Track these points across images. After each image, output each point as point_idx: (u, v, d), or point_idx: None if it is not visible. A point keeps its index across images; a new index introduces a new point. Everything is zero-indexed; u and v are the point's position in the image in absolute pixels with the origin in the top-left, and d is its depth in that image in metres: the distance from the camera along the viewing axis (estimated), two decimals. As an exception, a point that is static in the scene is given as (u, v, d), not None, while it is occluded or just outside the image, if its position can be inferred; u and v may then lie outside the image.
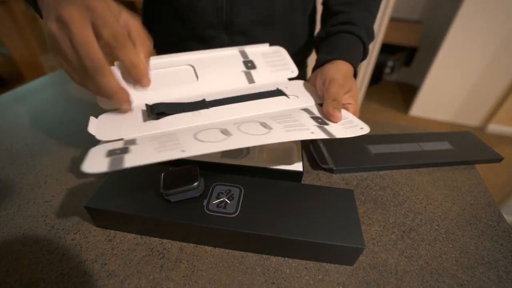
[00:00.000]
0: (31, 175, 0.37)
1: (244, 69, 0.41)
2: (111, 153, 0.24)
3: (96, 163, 0.22)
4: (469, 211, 0.34)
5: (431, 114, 2.17)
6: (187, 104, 0.34)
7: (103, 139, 0.28)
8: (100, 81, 0.27)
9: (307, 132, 0.28)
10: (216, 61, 0.41)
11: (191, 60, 0.40)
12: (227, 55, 0.42)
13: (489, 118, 2.02)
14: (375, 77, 2.22)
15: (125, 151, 0.24)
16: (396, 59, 2.36)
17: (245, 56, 0.42)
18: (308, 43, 0.57)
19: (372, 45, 1.60)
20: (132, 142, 0.27)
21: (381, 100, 2.41)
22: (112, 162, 0.22)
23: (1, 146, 0.42)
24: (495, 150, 0.42)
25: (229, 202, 0.28)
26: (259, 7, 0.47)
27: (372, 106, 2.32)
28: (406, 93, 2.47)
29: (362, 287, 0.25)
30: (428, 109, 2.15)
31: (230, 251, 0.28)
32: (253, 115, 0.33)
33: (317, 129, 0.29)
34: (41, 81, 0.64)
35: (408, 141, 0.43)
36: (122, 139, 0.28)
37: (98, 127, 0.30)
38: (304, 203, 0.29)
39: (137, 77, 0.31)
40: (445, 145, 0.43)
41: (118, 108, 0.32)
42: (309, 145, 0.43)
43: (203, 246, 0.28)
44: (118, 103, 0.30)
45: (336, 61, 0.38)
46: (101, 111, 0.33)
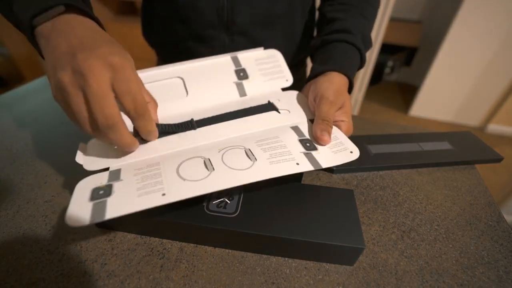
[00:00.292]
0: (31, 175, 0.37)
1: (235, 80, 0.40)
2: (95, 193, 0.25)
3: (79, 211, 0.23)
4: (469, 211, 0.34)
5: (431, 114, 2.17)
6: (174, 125, 0.33)
7: (90, 169, 0.29)
8: (112, 137, 0.26)
9: (292, 163, 0.28)
10: (207, 72, 0.39)
11: (181, 71, 0.39)
12: (219, 64, 0.40)
13: (489, 118, 2.02)
14: (375, 77, 2.22)
15: (108, 192, 0.25)
16: (396, 59, 2.35)
17: (237, 63, 0.41)
18: (308, 43, 0.57)
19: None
20: (116, 175, 0.27)
21: (381, 100, 2.41)
22: (94, 210, 0.23)
23: (1, 146, 0.42)
24: (495, 150, 0.42)
25: (229, 202, 0.29)
26: (260, 7, 0.47)
27: (372, 106, 2.32)
28: (406, 93, 2.47)
29: (362, 287, 0.25)
30: (428, 109, 2.15)
31: (230, 251, 0.28)
32: (240, 136, 0.33)
33: (304, 158, 0.29)
34: (41, 81, 0.64)
35: (408, 141, 0.43)
36: (108, 169, 0.28)
37: (85, 156, 0.30)
38: (304, 203, 0.29)
39: (149, 140, 0.31)
40: (445, 145, 0.43)
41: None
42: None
43: (203, 246, 0.28)
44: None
45: (330, 73, 0.37)
46: None
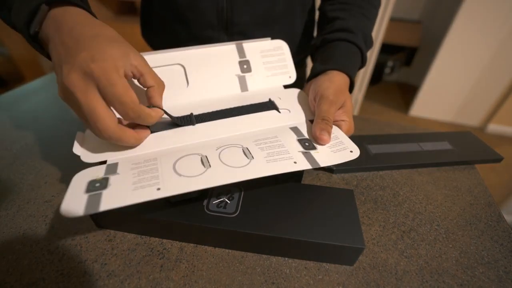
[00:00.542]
0: (31, 175, 0.37)
1: (238, 73, 0.39)
2: (90, 186, 0.24)
3: (74, 202, 0.23)
4: (469, 211, 0.34)
5: (431, 114, 2.17)
6: (174, 118, 0.33)
7: (88, 161, 0.29)
8: (116, 142, 0.27)
9: (290, 161, 0.27)
10: (210, 60, 0.38)
11: (183, 57, 0.37)
12: (223, 52, 0.39)
13: (489, 118, 2.02)
14: (375, 77, 2.22)
15: (104, 185, 0.24)
16: (396, 59, 2.35)
17: (242, 53, 0.40)
18: (308, 43, 0.57)
19: (372, 45, 1.60)
20: (113, 169, 0.27)
21: (381, 100, 2.41)
22: (89, 202, 0.23)
23: (1, 146, 0.42)
24: (495, 150, 0.42)
25: (229, 202, 0.29)
26: (259, 7, 0.47)
27: (372, 106, 2.32)
28: (406, 93, 2.47)
29: (362, 287, 0.25)
30: (428, 109, 2.15)
31: (230, 251, 0.28)
32: (239, 134, 0.32)
33: (302, 157, 0.29)
34: (41, 81, 0.64)
35: (408, 141, 0.43)
36: (105, 162, 0.28)
37: (83, 147, 0.30)
38: (304, 203, 0.29)
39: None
40: (445, 145, 0.43)
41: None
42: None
43: (203, 246, 0.28)
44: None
45: (330, 72, 0.37)
46: None
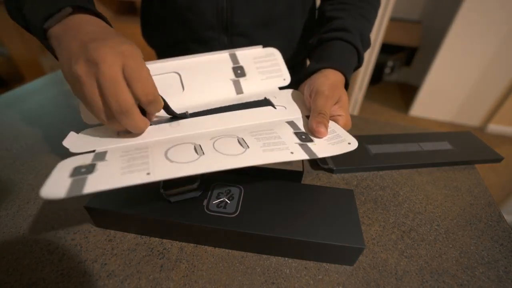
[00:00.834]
0: (31, 175, 0.37)
1: (232, 77, 0.39)
2: (76, 171, 0.23)
3: (57, 185, 0.21)
4: (469, 211, 0.34)
5: (431, 114, 2.17)
6: (170, 110, 0.33)
7: (76, 151, 0.28)
8: (126, 123, 0.27)
9: (286, 152, 0.27)
10: (204, 68, 0.39)
11: (178, 66, 0.38)
12: (216, 60, 0.40)
13: (489, 118, 2.02)
14: (375, 77, 2.22)
15: (90, 170, 0.23)
16: (396, 59, 2.36)
17: (235, 60, 0.40)
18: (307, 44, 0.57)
19: (372, 45, 1.60)
20: (101, 156, 0.26)
21: (381, 100, 2.41)
22: (72, 185, 0.21)
23: (1, 146, 0.42)
24: (495, 150, 0.42)
25: (229, 202, 0.29)
26: (259, 9, 0.47)
27: (372, 106, 2.32)
28: (406, 93, 2.47)
29: (362, 287, 0.25)
30: (428, 109, 2.15)
31: (230, 251, 0.28)
32: (234, 127, 0.32)
33: (299, 148, 0.28)
34: (41, 81, 0.64)
35: (408, 141, 0.43)
36: (94, 151, 0.28)
37: (74, 141, 0.30)
38: (304, 203, 0.29)
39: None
40: (445, 145, 0.43)
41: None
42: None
43: (203, 246, 0.28)
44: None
45: (325, 70, 0.37)
46: None
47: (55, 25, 0.28)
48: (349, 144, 0.29)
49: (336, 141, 0.30)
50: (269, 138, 0.29)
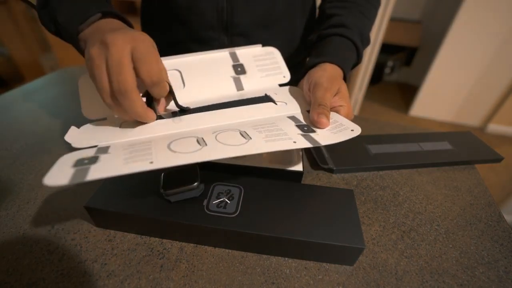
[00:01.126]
0: (31, 175, 0.37)
1: (233, 75, 0.40)
2: (78, 162, 0.23)
3: (59, 175, 0.21)
4: (469, 211, 0.34)
5: (431, 114, 2.17)
6: (175, 100, 0.33)
7: (78, 146, 0.28)
8: (125, 104, 0.27)
9: (289, 141, 0.27)
10: (204, 65, 0.39)
11: (178, 64, 0.38)
12: (216, 58, 0.40)
13: (489, 118, 2.02)
14: (375, 77, 2.22)
15: (93, 161, 0.23)
16: (396, 59, 2.36)
17: (235, 59, 0.41)
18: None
19: (372, 45, 1.60)
20: (104, 150, 0.26)
21: (381, 100, 2.41)
22: (76, 173, 0.21)
23: (1, 146, 0.42)
24: (495, 150, 0.42)
25: (229, 202, 0.29)
26: (259, 8, 0.47)
27: (372, 106, 2.32)
28: (406, 93, 2.47)
29: (362, 287, 0.25)
30: (428, 109, 2.15)
31: (230, 251, 0.28)
32: (236, 123, 0.32)
33: (301, 137, 0.28)
34: (41, 81, 0.64)
35: (408, 141, 0.43)
36: (96, 146, 0.28)
37: (76, 136, 0.30)
38: (304, 203, 0.29)
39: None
40: (445, 145, 0.43)
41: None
42: (310, 147, 0.43)
43: (203, 246, 0.28)
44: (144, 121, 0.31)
45: (323, 64, 0.37)
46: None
47: (86, 29, 0.31)
48: (352, 131, 0.29)
49: (338, 130, 0.30)
50: (271, 130, 0.29)
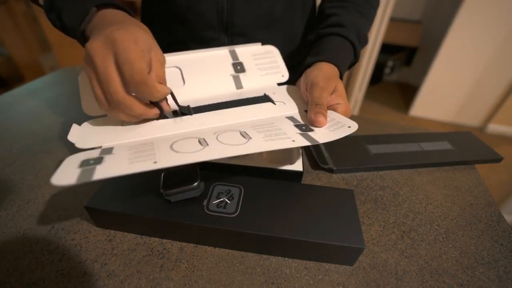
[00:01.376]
0: (31, 175, 0.37)
1: (232, 73, 0.40)
2: (84, 163, 0.24)
3: (66, 175, 0.22)
4: (469, 211, 0.34)
5: (431, 114, 2.17)
6: (177, 103, 0.34)
7: (82, 147, 0.28)
8: (124, 110, 0.28)
9: (288, 140, 0.27)
10: (204, 63, 0.40)
11: (178, 61, 0.39)
12: (216, 56, 0.41)
13: (489, 118, 2.02)
14: (375, 77, 2.22)
15: (98, 161, 0.24)
16: (396, 59, 2.36)
17: (235, 57, 0.41)
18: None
19: (372, 45, 1.60)
20: (108, 151, 0.27)
21: (381, 100, 2.41)
22: (82, 173, 0.22)
23: (1, 146, 0.42)
24: (495, 150, 0.42)
25: (229, 202, 0.29)
26: (260, 8, 0.47)
27: (372, 106, 2.32)
28: (406, 93, 2.47)
29: (362, 287, 0.25)
30: (428, 109, 2.15)
31: (230, 251, 0.28)
32: (236, 123, 0.32)
33: (300, 136, 0.29)
34: (41, 81, 0.64)
35: (408, 141, 0.43)
36: (100, 147, 0.28)
37: (79, 135, 0.30)
38: (304, 203, 0.29)
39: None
40: (445, 145, 0.43)
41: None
42: (309, 145, 0.43)
43: (203, 246, 0.28)
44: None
45: (319, 63, 0.38)
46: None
47: (88, 26, 0.31)
48: (349, 127, 0.30)
49: (336, 127, 0.31)
50: (271, 130, 0.30)
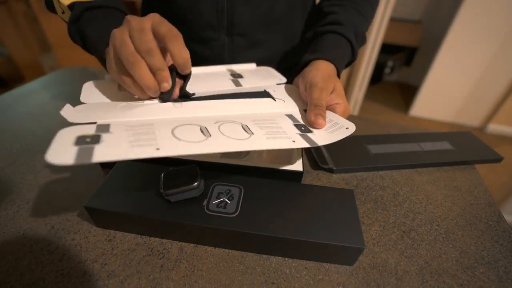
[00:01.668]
0: (31, 175, 0.37)
1: (231, 78, 0.41)
2: (80, 140, 0.22)
3: (62, 153, 0.20)
4: (469, 211, 0.34)
5: (431, 114, 2.17)
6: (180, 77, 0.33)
7: (75, 121, 0.26)
8: (150, 61, 0.29)
9: (288, 140, 0.28)
10: (204, 75, 0.41)
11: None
12: (214, 70, 0.43)
13: (489, 118, 2.02)
14: (375, 77, 2.22)
15: (96, 140, 0.23)
16: (396, 59, 2.36)
17: (232, 71, 0.43)
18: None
19: (372, 45, 1.60)
20: (105, 128, 0.25)
21: (381, 100, 2.40)
22: (80, 153, 0.20)
23: (1, 146, 0.42)
24: (495, 150, 0.42)
25: (229, 202, 0.28)
26: (260, 8, 0.47)
27: (372, 106, 2.32)
28: (406, 93, 2.47)
29: (362, 287, 0.25)
30: (428, 109, 2.15)
31: (230, 251, 0.28)
32: (237, 114, 0.32)
33: (299, 137, 0.29)
34: (41, 81, 0.64)
35: (408, 141, 0.43)
36: (95, 123, 0.27)
37: (72, 111, 0.28)
38: (304, 203, 0.29)
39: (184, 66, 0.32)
40: (445, 145, 0.43)
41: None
42: (308, 147, 0.43)
43: (203, 246, 0.28)
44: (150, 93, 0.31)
45: (316, 61, 0.38)
46: None
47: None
48: (347, 129, 0.30)
49: (334, 129, 0.31)
50: (272, 127, 0.30)
